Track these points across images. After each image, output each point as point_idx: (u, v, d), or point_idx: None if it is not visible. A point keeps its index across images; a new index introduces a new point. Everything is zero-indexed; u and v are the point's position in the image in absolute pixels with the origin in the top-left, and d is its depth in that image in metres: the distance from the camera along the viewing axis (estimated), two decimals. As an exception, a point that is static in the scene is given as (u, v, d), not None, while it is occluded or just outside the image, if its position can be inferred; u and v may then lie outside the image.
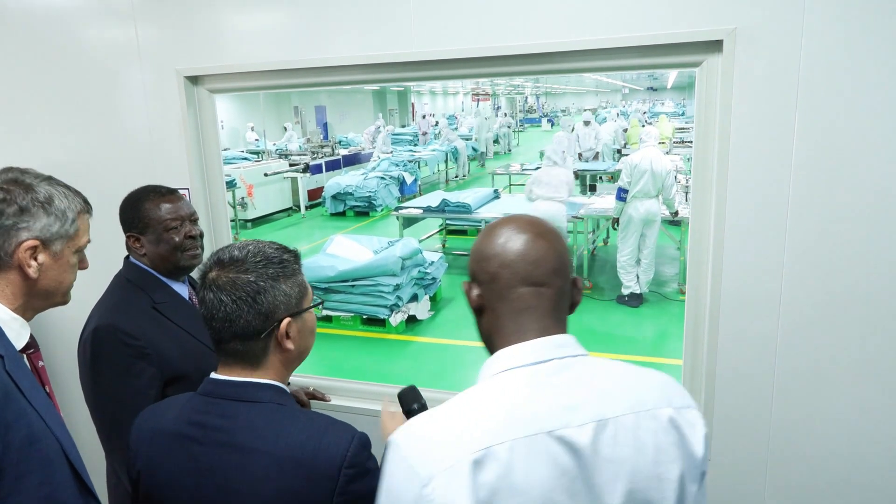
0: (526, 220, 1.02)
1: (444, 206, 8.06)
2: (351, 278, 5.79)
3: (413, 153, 15.10)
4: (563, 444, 0.87)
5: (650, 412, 0.92)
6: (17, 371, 1.15)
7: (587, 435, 0.88)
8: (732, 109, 1.58)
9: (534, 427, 0.87)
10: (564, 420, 0.88)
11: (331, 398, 2.16)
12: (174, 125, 2.16)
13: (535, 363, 0.93)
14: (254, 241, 1.21)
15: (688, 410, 0.96)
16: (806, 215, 1.57)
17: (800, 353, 1.64)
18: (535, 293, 0.97)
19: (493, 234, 1.00)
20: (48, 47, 2.26)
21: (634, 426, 0.90)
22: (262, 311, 1.13)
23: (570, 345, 0.97)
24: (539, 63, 1.78)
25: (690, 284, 1.78)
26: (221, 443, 1.12)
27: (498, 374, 0.94)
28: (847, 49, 1.47)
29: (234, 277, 1.13)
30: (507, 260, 0.97)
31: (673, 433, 0.92)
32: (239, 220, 10.61)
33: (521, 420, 0.88)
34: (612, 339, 5.58)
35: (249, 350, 1.15)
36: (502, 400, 0.91)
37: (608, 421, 0.90)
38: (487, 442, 0.85)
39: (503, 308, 0.97)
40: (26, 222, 1.19)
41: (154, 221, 1.67)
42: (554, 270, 0.98)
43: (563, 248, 1.01)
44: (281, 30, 1.99)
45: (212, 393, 1.17)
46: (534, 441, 0.86)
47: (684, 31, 1.58)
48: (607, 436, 0.89)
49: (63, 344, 2.38)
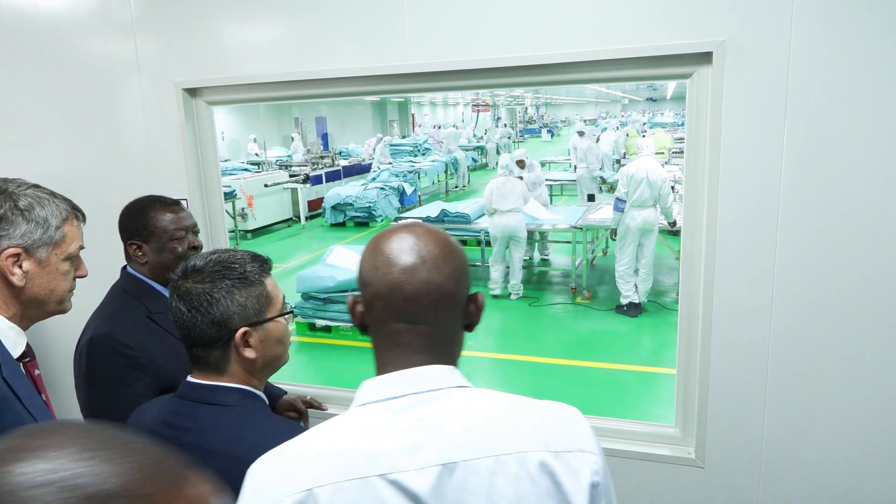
0: (410, 238, 0.88)
1: (444, 217, 8.09)
2: (350, 288, 5.79)
3: (413, 164, 15.16)
4: (398, 488, 0.79)
5: (514, 456, 0.80)
6: (14, 379, 1.16)
7: (428, 480, 0.79)
8: (722, 120, 1.60)
9: (365, 469, 0.79)
10: (402, 462, 0.79)
11: (327, 407, 2.17)
12: (173, 137, 2.18)
13: (389, 398, 0.84)
14: (224, 251, 1.24)
15: (572, 455, 0.82)
16: (796, 224, 1.58)
17: (791, 361, 1.65)
18: (409, 330, 0.86)
19: (372, 254, 0.88)
20: (48, 59, 2.28)
21: (490, 472, 0.79)
22: (214, 320, 1.16)
23: (435, 377, 0.86)
24: (533, 74, 1.80)
25: (683, 294, 1.80)
26: (186, 443, 1.15)
27: (354, 407, 0.87)
28: (834, 60, 1.49)
29: (191, 287, 1.17)
30: (380, 291, 0.86)
31: (543, 481, 0.80)
32: (239, 231, 10.63)
33: (354, 460, 0.80)
34: (610, 349, 5.57)
35: (209, 357, 1.19)
36: (341, 437, 0.83)
37: (457, 465, 0.79)
38: (310, 483, 0.79)
39: (377, 338, 0.89)
40: (6, 230, 1.19)
41: (159, 230, 1.70)
42: (435, 304, 0.86)
43: (451, 268, 0.87)
44: (278, 42, 2.01)
45: (184, 395, 1.21)
46: (364, 485, 0.79)
47: (675, 44, 1.61)
48: (454, 481, 0.79)
49: (60, 353, 2.39)
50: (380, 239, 0.90)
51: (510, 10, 1.73)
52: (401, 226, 0.92)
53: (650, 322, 6.18)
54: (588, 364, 5.17)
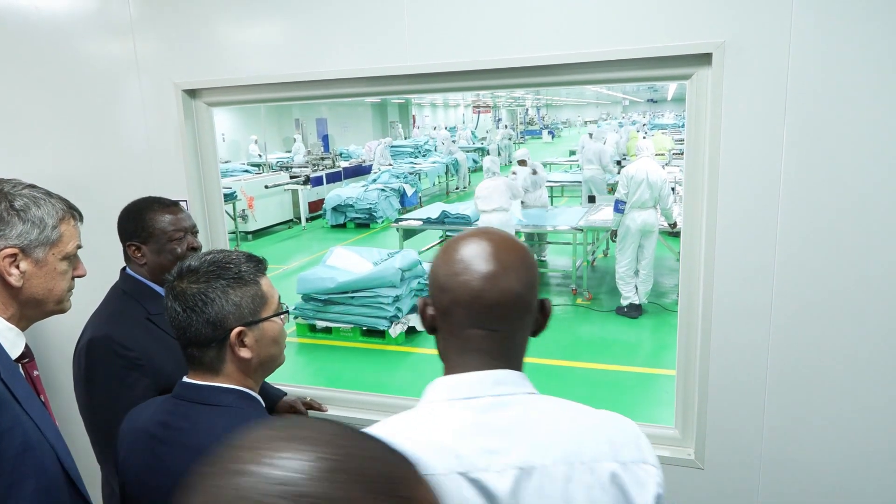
0: (489, 246, 0.89)
1: (444, 218, 8.09)
2: (351, 290, 5.80)
3: (413, 165, 15.17)
4: (478, 488, 0.81)
5: (587, 465, 0.82)
6: (13, 380, 1.16)
7: (507, 482, 0.80)
8: (722, 120, 1.60)
9: (448, 465, 0.81)
10: (484, 463, 0.81)
11: (327, 408, 2.17)
12: (172, 138, 2.19)
13: (468, 398, 0.86)
14: (219, 251, 1.24)
15: (638, 466, 0.85)
16: (795, 225, 1.58)
17: (791, 361, 1.65)
18: (487, 336, 0.88)
19: (450, 260, 0.89)
20: (48, 60, 2.28)
21: (565, 478, 0.81)
22: (209, 320, 1.16)
23: (510, 382, 0.88)
24: (532, 76, 1.80)
25: (683, 294, 1.79)
26: (181, 443, 1.16)
27: (430, 403, 0.89)
28: (834, 61, 1.49)
29: (186, 287, 1.17)
30: (461, 299, 0.87)
31: (613, 491, 0.82)
32: (240, 233, 10.64)
33: (434, 456, 0.81)
34: (610, 351, 5.57)
35: (204, 356, 1.20)
36: (422, 432, 0.85)
37: (534, 469, 0.81)
38: None
39: (452, 342, 0.91)
40: (2, 231, 1.19)
41: (158, 231, 1.70)
42: (512, 311, 0.88)
43: (528, 276, 0.90)
44: (278, 43, 2.01)
45: (180, 395, 1.21)
46: (446, 480, 0.80)
47: (674, 45, 1.60)
48: (531, 485, 0.80)
49: (58, 354, 2.39)
50: (457, 244, 0.90)
51: (509, 11, 1.73)
52: (477, 231, 0.92)
53: (650, 323, 6.18)
54: (588, 365, 5.17)
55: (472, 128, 27.56)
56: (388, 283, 5.73)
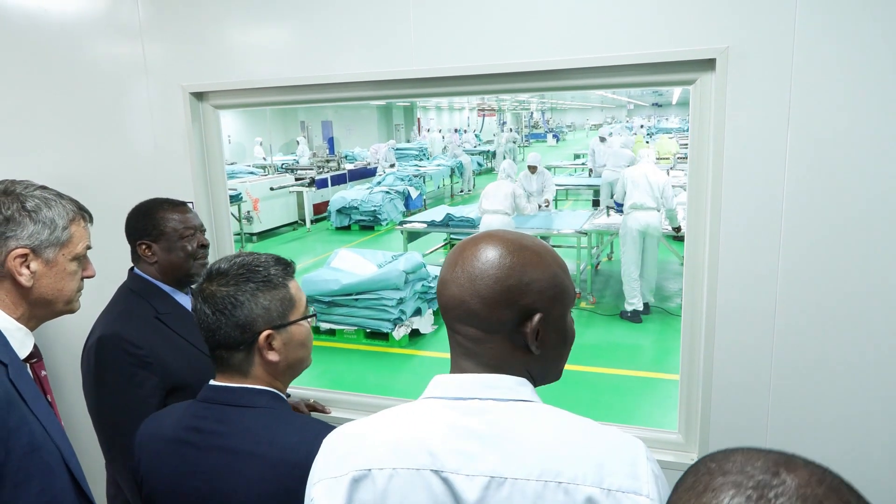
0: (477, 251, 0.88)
1: (449, 221, 8.11)
2: (354, 292, 5.81)
3: (418, 168, 15.19)
4: (447, 487, 0.82)
5: (563, 485, 0.78)
6: (21, 380, 1.17)
7: (475, 489, 0.80)
8: (726, 126, 1.60)
9: (421, 461, 0.83)
10: (455, 465, 0.82)
11: (331, 410, 2.17)
12: (179, 140, 2.20)
13: (456, 398, 0.87)
14: (248, 254, 1.24)
15: (624, 496, 0.77)
16: (799, 230, 1.59)
17: (795, 367, 1.65)
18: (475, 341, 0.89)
19: (448, 262, 0.91)
20: (56, 63, 2.30)
21: (535, 495, 0.78)
22: (239, 323, 1.17)
23: (504, 387, 0.86)
24: (537, 80, 1.81)
25: (686, 298, 1.80)
26: (218, 447, 1.15)
27: (423, 399, 0.91)
28: (838, 66, 1.49)
29: (216, 290, 1.17)
30: (445, 304, 0.90)
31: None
32: (245, 234, 10.67)
33: (412, 451, 0.84)
34: (614, 355, 5.56)
35: (233, 359, 1.20)
36: (404, 426, 0.88)
37: (505, 481, 0.79)
38: (369, 464, 0.85)
39: (451, 341, 0.93)
40: (13, 231, 1.21)
41: (170, 230, 1.73)
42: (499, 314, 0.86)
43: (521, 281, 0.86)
44: (284, 47, 2.03)
45: (210, 399, 1.20)
46: (417, 476, 0.83)
47: (678, 50, 1.61)
48: (500, 496, 0.79)
49: (66, 354, 2.41)
50: (460, 246, 0.92)
51: (514, 16, 1.74)
52: (483, 234, 0.92)
53: (654, 327, 6.17)
54: (592, 369, 5.16)
55: (477, 131, 27.56)
56: (392, 285, 5.73)
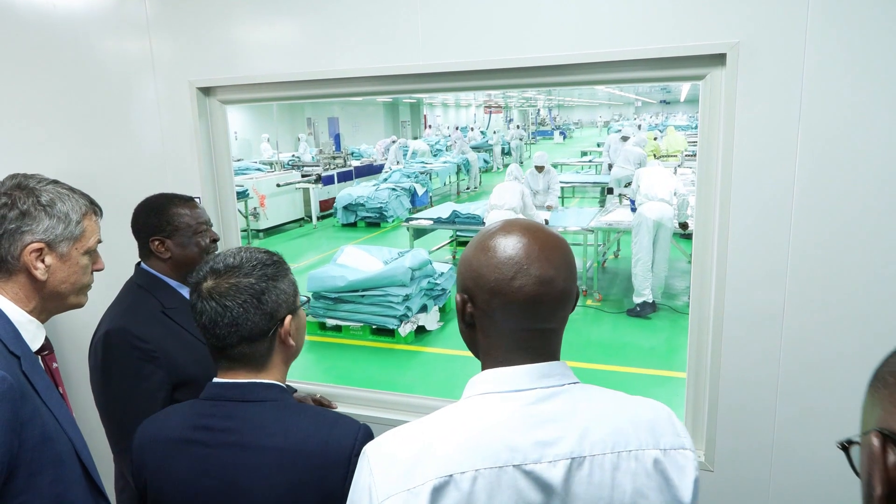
0: (537, 245, 0.88)
1: (455, 218, 8.10)
2: (360, 288, 5.82)
3: (424, 165, 15.18)
4: (532, 479, 0.83)
5: (633, 453, 0.86)
6: (33, 372, 1.18)
7: (560, 472, 0.83)
8: (736, 122, 1.59)
9: (502, 458, 0.83)
10: (537, 455, 0.84)
11: (336, 405, 2.18)
12: (186, 135, 2.21)
13: (516, 391, 0.88)
14: (241, 248, 1.24)
15: (677, 452, 0.89)
16: (809, 226, 1.57)
17: (804, 365, 1.64)
18: (539, 335, 0.90)
19: (499, 262, 0.88)
20: (63, 59, 2.31)
21: (613, 467, 0.85)
22: (266, 311, 1.17)
23: (556, 374, 0.90)
24: (545, 75, 1.80)
25: (694, 296, 1.79)
26: (230, 443, 1.14)
27: (476, 396, 0.90)
28: (849, 62, 1.48)
29: (236, 282, 1.16)
30: (516, 301, 0.87)
31: (657, 477, 0.87)
32: (251, 230, 10.70)
33: (490, 449, 0.83)
34: (621, 352, 5.55)
35: (255, 352, 1.18)
36: (474, 425, 0.86)
37: (584, 459, 0.85)
38: (450, 469, 0.82)
39: (498, 340, 0.91)
40: (29, 225, 1.21)
41: (183, 226, 1.74)
42: (564, 308, 0.91)
43: (573, 272, 0.92)
44: (292, 42, 2.03)
45: (216, 396, 1.19)
46: (501, 473, 0.83)
47: (688, 45, 1.60)
48: (582, 474, 0.84)
49: (76, 347, 2.42)
50: (500, 243, 0.89)
51: (522, 11, 1.73)
52: (517, 227, 0.91)
53: (661, 325, 6.15)
54: (598, 367, 5.16)
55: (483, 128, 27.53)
56: (398, 282, 5.74)
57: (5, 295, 1.22)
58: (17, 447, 1.08)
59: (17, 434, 1.09)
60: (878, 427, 0.63)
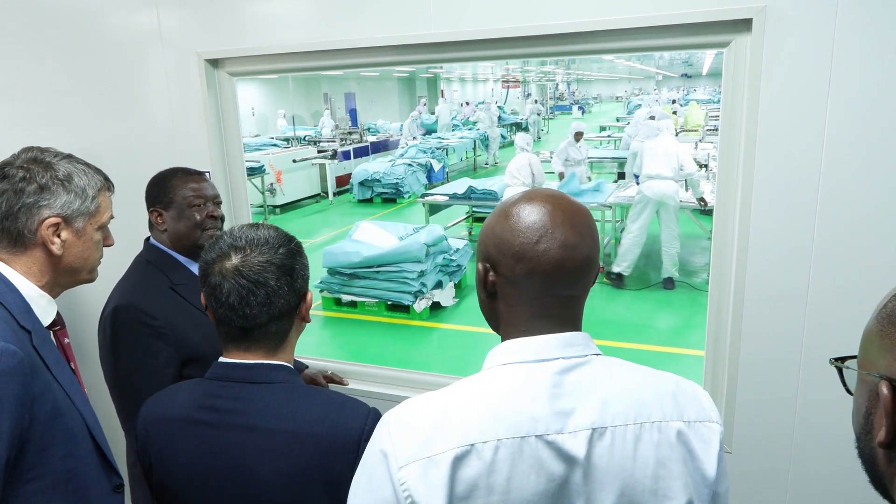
0: (561, 212, 0.88)
1: (471, 194, 8.05)
2: (376, 264, 5.82)
3: (441, 140, 15.07)
4: (553, 449, 0.83)
5: (656, 424, 0.86)
6: (44, 347, 1.18)
7: (581, 443, 0.83)
8: (761, 92, 1.52)
9: (524, 428, 0.83)
10: (558, 425, 0.83)
11: (348, 382, 2.17)
12: (195, 108, 2.17)
13: (539, 360, 0.87)
14: (252, 225, 1.20)
15: (702, 425, 0.89)
16: (836, 204, 1.50)
17: (827, 346, 1.58)
18: (562, 302, 0.90)
19: (524, 228, 0.88)
20: (71, 32, 2.28)
21: (635, 438, 0.85)
22: (296, 287, 1.16)
23: (579, 344, 0.90)
24: (561, 44, 1.74)
25: (714, 274, 1.73)
26: (237, 425, 1.13)
27: (499, 367, 0.89)
28: (883, 29, 1.39)
29: (272, 257, 1.12)
30: (541, 268, 0.87)
31: (680, 449, 0.87)
32: (267, 206, 10.73)
33: (512, 419, 0.83)
34: (637, 329, 5.50)
35: (280, 329, 1.17)
36: (496, 395, 0.86)
37: (606, 429, 0.84)
38: (473, 438, 0.82)
39: (521, 309, 0.90)
40: (47, 200, 1.21)
41: (179, 198, 1.72)
42: (588, 275, 0.91)
43: (596, 239, 0.92)
44: (301, 12, 1.98)
45: (223, 377, 1.17)
46: (523, 443, 0.82)
47: (711, 10, 1.52)
48: (604, 445, 0.84)
49: (87, 322, 2.43)
50: (525, 210, 0.89)
51: (538, -23, 1.66)
52: (541, 196, 0.91)
53: (680, 301, 6.09)
54: (614, 344, 5.12)
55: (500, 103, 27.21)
56: (413, 258, 5.72)
57: (18, 269, 1.21)
58: (27, 422, 1.09)
59: (28, 409, 1.09)
60: (887, 375, 0.64)
